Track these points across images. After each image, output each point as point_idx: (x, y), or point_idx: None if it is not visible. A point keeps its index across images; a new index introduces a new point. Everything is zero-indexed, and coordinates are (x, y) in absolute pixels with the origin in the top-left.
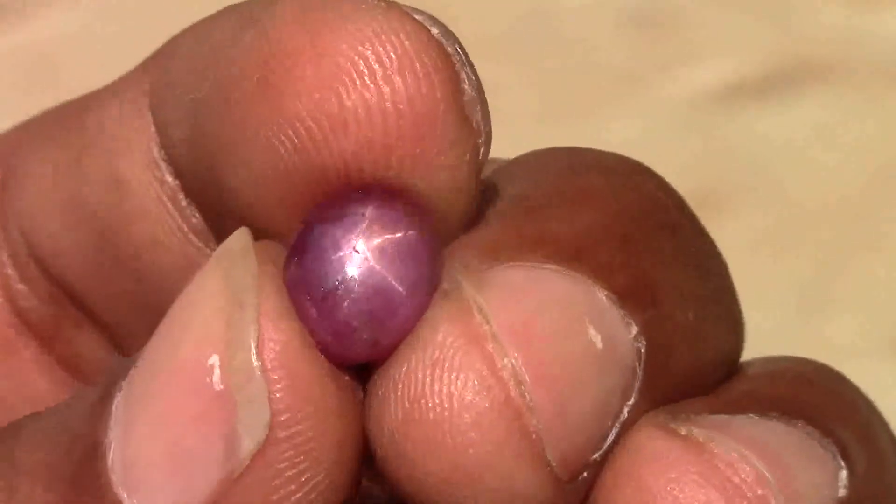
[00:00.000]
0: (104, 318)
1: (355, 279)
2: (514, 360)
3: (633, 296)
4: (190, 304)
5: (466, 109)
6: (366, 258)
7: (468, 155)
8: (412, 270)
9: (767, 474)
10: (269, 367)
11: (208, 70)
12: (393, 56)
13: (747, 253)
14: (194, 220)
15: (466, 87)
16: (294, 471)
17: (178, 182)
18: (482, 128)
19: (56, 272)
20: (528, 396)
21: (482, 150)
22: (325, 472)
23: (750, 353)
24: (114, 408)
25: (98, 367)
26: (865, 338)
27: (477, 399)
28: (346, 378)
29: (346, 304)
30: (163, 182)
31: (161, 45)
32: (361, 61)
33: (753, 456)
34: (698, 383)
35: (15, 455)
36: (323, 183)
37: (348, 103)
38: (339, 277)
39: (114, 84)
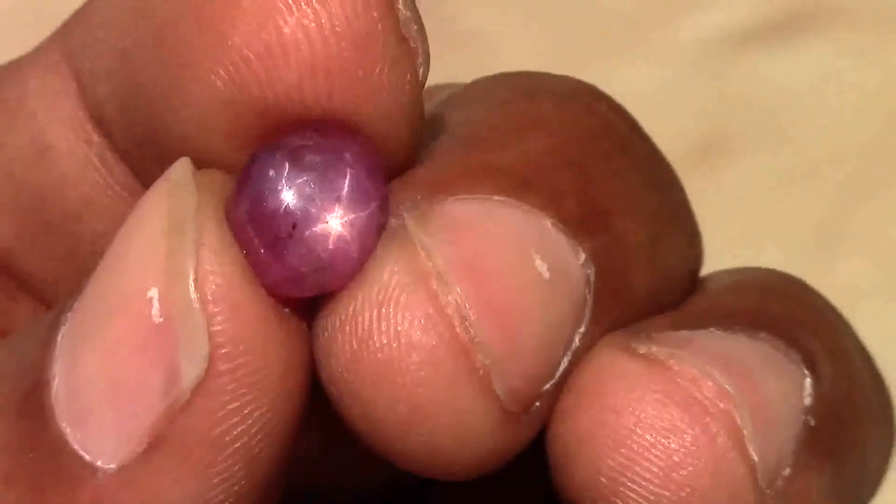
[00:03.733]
0: (43, 288)
1: (315, 231)
2: (458, 297)
3: (582, 222)
4: (130, 235)
5: (403, 29)
6: (313, 200)
7: (409, 74)
8: (359, 211)
9: (730, 388)
10: (209, 298)
11: (137, 15)
12: None
13: (759, 196)
14: (124, 179)
15: (401, 6)
16: (237, 403)
17: (105, 142)
18: (420, 46)
19: None
20: (472, 332)
21: (421, 69)
22: (268, 404)
23: None
24: (59, 339)
25: None
26: (877, 279)
27: (424, 337)
28: (290, 310)
29: (298, 253)
30: (90, 143)
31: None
32: None
33: (715, 370)
34: (657, 303)
35: None
36: (266, 116)
37: (286, 30)
38: (293, 224)
39: (29, 54)
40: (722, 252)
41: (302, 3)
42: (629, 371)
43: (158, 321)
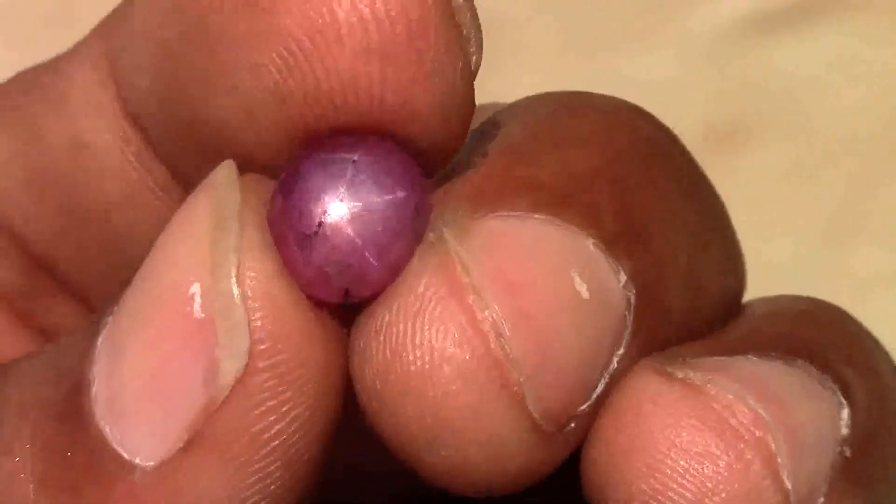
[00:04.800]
0: (79, 286)
1: (335, 229)
2: (494, 313)
3: (622, 241)
4: (173, 235)
5: (457, 16)
6: (348, 210)
7: (461, 61)
8: (392, 228)
9: (765, 415)
10: (249, 295)
11: (179, 8)
12: None
13: (774, 184)
14: (160, 176)
15: None
16: (275, 400)
17: (142, 139)
18: (473, 35)
19: (27, 242)
20: (508, 348)
21: (474, 58)
22: (306, 403)
23: (776, 281)
24: (99, 342)
25: None
26: (893, 267)
27: (457, 351)
28: (329, 313)
29: (322, 251)
30: (127, 140)
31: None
32: None
33: (751, 397)
34: (696, 327)
35: (4, 392)
36: (315, 104)
37: (341, 15)
38: (319, 223)
39: (71, 50)
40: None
41: None
42: (665, 395)
43: (200, 317)
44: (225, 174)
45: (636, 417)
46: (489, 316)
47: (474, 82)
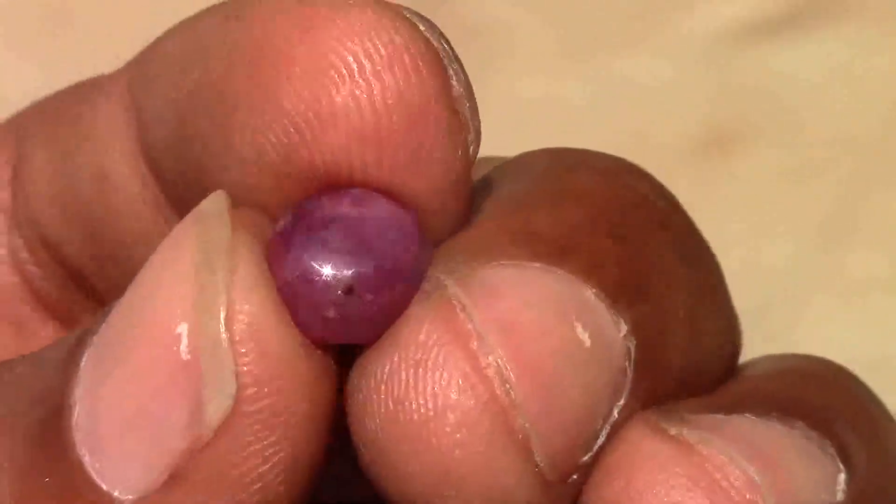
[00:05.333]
0: (111, 299)
1: (335, 273)
2: (499, 359)
3: (622, 292)
4: (161, 264)
5: (456, 104)
6: (350, 261)
7: (459, 150)
8: (393, 277)
9: (757, 478)
10: (237, 338)
11: (192, 67)
12: (382, 51)
13: (769, 187)
14: (175, 222)
15: (454, 82)
16: (260, 444)
17: (157, 182)
18: (471, 123)
19: (63, 258)
20: (513, 394)
21: (472, 147)
22: (291, 447)
23: (771, 284)
24: (82, 364)
25: None
26: (888, 271)
27: (461, 398)
28: (320, 353)
29: (321, 292)
30: (144, 181)
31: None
32: (351, 56)
33: (744, 459)
34: (694, 382)
35: None
36: (314, 180)
37: (338, 99)
38: (319, 266)
39: (105, 78)
40: (732, 244)
41: (356, 73)
42: (657, 452)
43: (186, 358)
44: (215, 205)
45: (627, 472)
46: (493, 361)
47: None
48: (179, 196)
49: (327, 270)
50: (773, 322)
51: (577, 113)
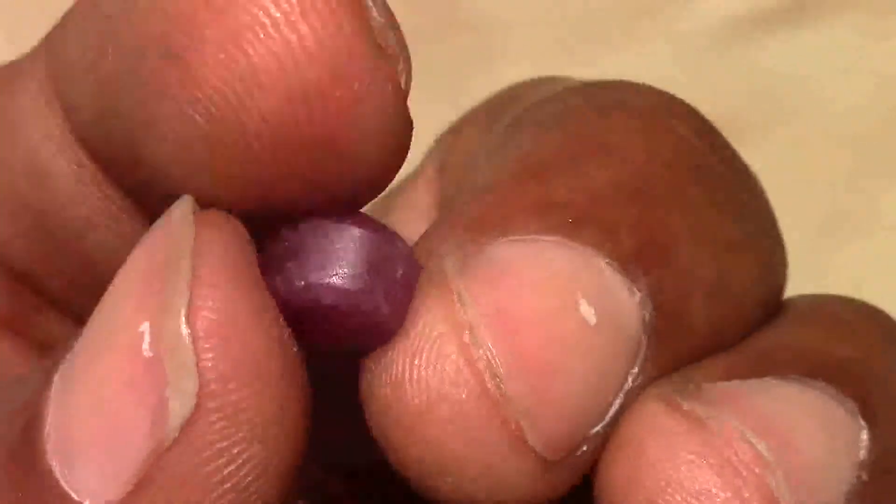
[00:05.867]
0: (65, 300)
1: (328, 294)
2: (489, 352)
3: (639, 258)
4: (126, 273)
5: (379, 38)
6: (324, 269)
7: (390, 85)
8: (382, 291)
9: (766, 453)
10: (200, 335)
11: (105, 45)
12: (293, 0)
13: (767, 181)
14: (121, 200)
15: (374, 14)
16: (226, 442)
17: (97, 163)
18: (399, 53)
19: (9, 263)
20: (503, 387)
21: (403, 76)
22: (261, 444)
23: None
24: (55, 379)
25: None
26: (884, 265)
27: (453, 391)
28: (292, 350)
29: (313, 308)
30: (82, 164)
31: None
32: (261, 11)
33: (755, 434)
34: (720, 337)
35: None
36: (248, 148)
37: (255, 58)
38: (313, 290)
39: (19, 63)
40: None
41: (268, 27)
42: (668, 428)
43: (148, 356)
44: (180, 209)
45: (637, 448)
46: (484, 354)
47: (409, 98)
48: (120, 174)
49: (313, 307)
50: None
51: None
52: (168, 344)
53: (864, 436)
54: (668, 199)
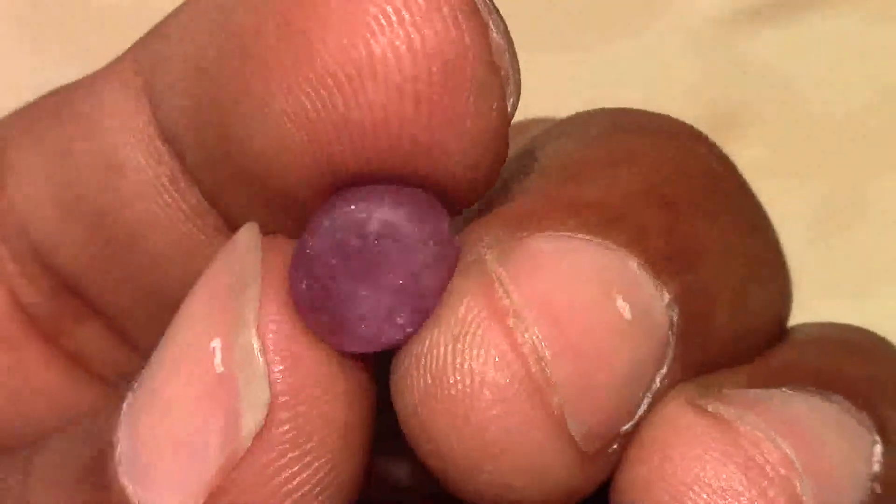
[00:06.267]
0: (106, 308)
1: (356, 292)
2: (534, 336)
3: (669, 261)
4: (195, 296)
5: (495, 56)
6: (369, 269)
7: (496, 103)
8: (414, 286)
9: (792, 455)
10: (270, 348)
11: (217, 27)
12: (421, 2)
13: (762, 173)
14: (193, 200)
15: (494, 34)
16: (296, 452)
17: (176, 162)
18: (511, 76)
19: (55, 264)
20: (548, 372)
21: (511, 99)
22: (329, 455)
23: None
24: (124, 406)
25: (102, 359)
26: (882, 259)
27: (497, 375)
28: (354, 363)
29: (341, 314)
30: (160, 161)
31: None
32: (389, 7)
33: (780, 436)
34: (740, 349)
35: (33, 461)
36: (348, 139)
37: (377, 49)
38: (339, 289)
39: (104, 69)
40: None
41: (394, 23)
42: (693, 427)
43: (220, 371)
44: (247, 232)
45: (662, 447)
46: (529, 339)
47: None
48: (201, 173)
49: (341, 311)
50: None
51: (569, 98)
52: (239, 358)
53: (878, 449)
54: (695, 208)
